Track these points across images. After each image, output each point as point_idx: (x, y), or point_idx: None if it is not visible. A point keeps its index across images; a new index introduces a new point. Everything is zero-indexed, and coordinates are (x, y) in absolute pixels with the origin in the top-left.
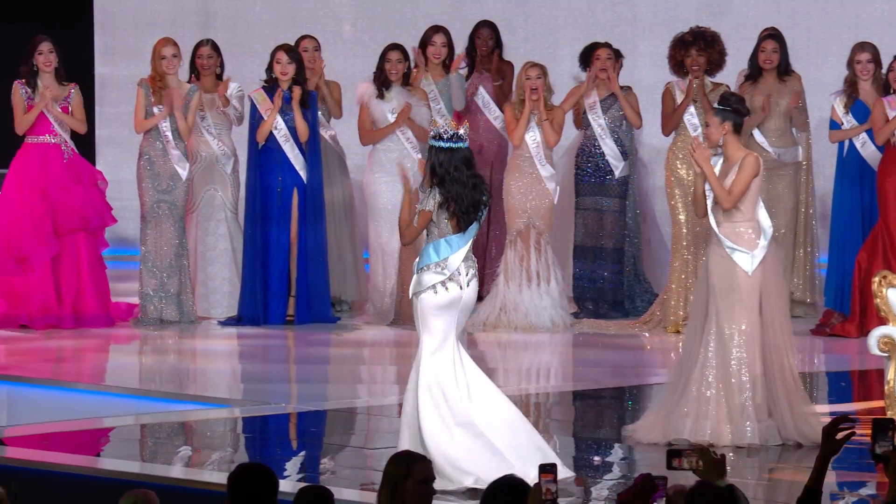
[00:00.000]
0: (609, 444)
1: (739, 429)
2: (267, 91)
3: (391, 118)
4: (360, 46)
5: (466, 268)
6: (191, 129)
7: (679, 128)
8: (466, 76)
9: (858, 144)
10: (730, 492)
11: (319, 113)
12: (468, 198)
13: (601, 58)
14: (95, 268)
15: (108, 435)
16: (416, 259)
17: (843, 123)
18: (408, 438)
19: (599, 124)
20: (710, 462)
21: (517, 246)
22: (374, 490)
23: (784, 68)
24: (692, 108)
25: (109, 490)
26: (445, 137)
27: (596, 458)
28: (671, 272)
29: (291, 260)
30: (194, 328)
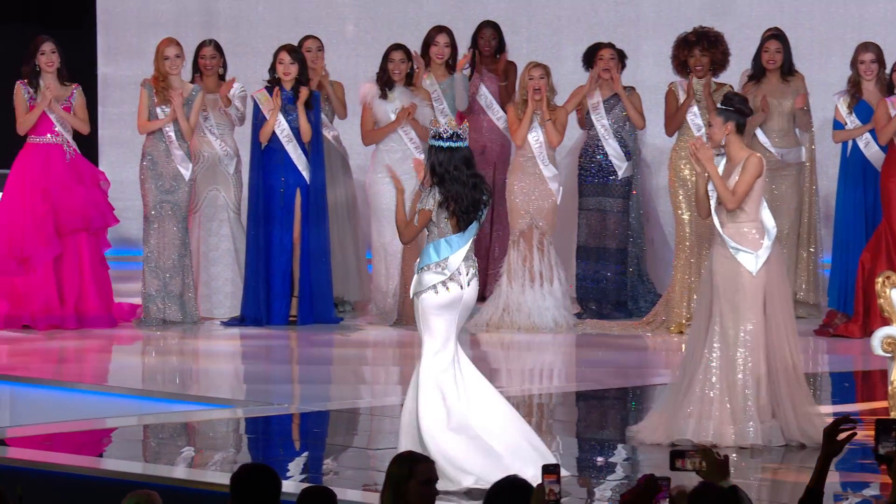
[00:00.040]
0: (612, 445)
1: (742, 429)
2: (270, 91)
3: (394, 118)
4: (363, 46)
5: (467, 267)
6: (193, 130)
7: (682, 128)
8: (469, 76)
9: (862, 145)
10: (733, 493)
11: (322, 113)
12: (468, 197)
13: (604, 58)
14: (98, 268)
15: (111, 435)
16: (417, 259)
17: (847, 123)
18: (407, 439)
19: (603, 125)
20: (714, 463)
21: (520, 246)
22: (377, 491)
23: (787, 68)
24: (695, 109)
25: (112, 491)
26: (445, 137)
27: (599, 459)
28: (674, 272)
29: (294, 260)
30: (197, 329)
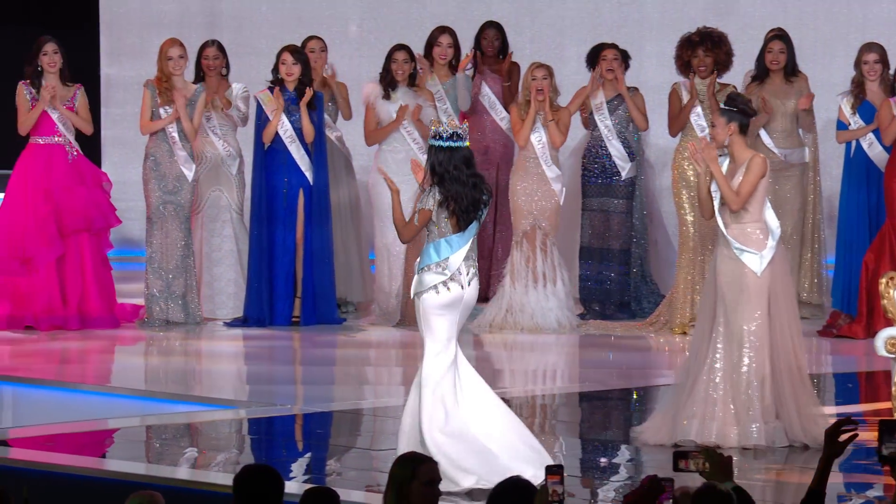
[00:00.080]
0: (615, 446)
1: (746, 430)
2: (272, 92)
3: (396, 118)
4: (366, 47)
5: (467, 267)
6: (197, 130)
7: (686, 128)
8: (472, 76)
9: (865, 145)
10: (736, 493)
11: (326, 114)
12: (468, 197)
13: (608, 58)
14: (100, 269)
15: (114, 436)
16: (417, 259)
17: (850, 124)
18: (408, 440)
19: (606, 125)
20: (717, 464)
21: (523, 247)
22: (380, 492)
23: (791, 69)
24: (699, 109)
25: (115, 491)
26: (445, 136)
27: (602, 460)
28: (678, 273)
29: (297, 261)
30: (200, 329)
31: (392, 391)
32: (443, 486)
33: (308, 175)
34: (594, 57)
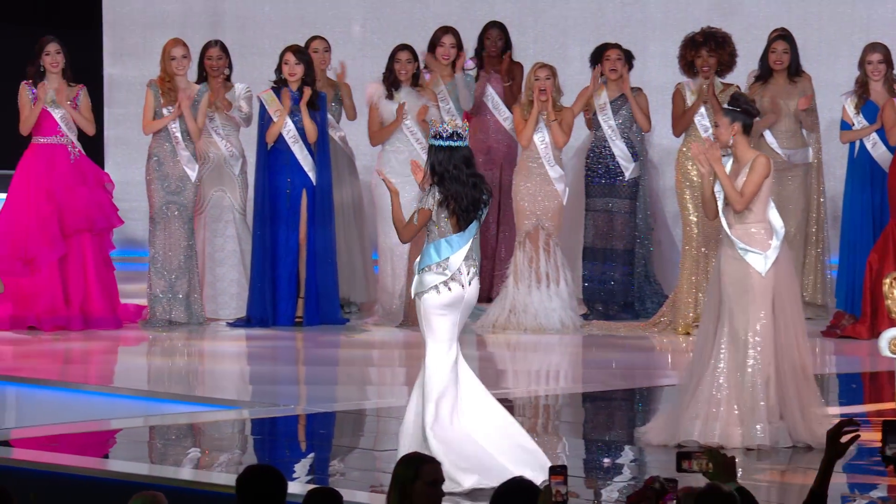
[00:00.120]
0: (619, 446)
1: (750, 430)
2: (276, 92)
3: (403, 119)
4: (370, 47)
5: (467, 267)
6: (201, 131)
7: (690, 129)
8: (476, 77)
9: (869, 145)
10: (739, 494)
11: (329, 114)
12: (468, 196)
13: (611, 58)
14: (102, 269)
15: (117, 437)
16: (417, 259)
17: (854, 124)
18: (409, 440)
19: (610, 125)
20: (720, 464)
21: (526, 247)
22: (384, 492)
23: (794, 69)
24: (702, 109)
25: (118, 492)
26: (444, 136)
27: (606, 460)
28: (681, 273)
29: (300, 261)
30: (203, 330)
31: (395, 391)
32: (445, 487)
33: (311, 175)
34: (598, 57)
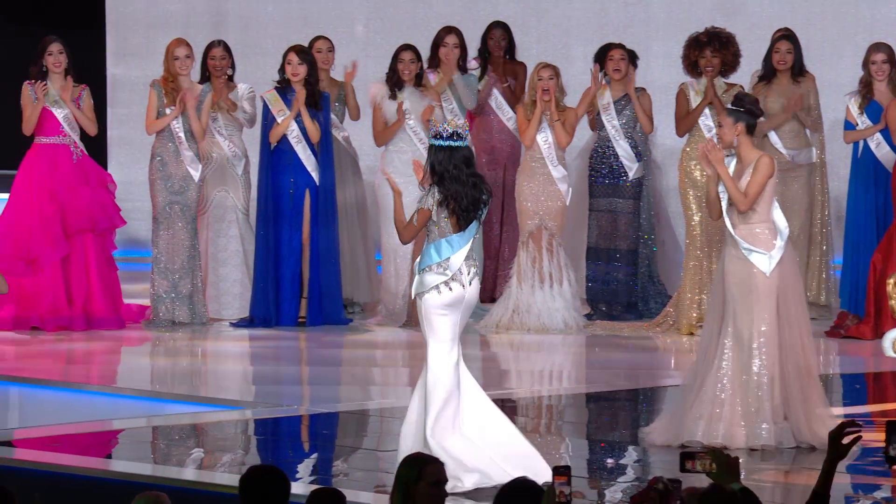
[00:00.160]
0: (623, 447)
1: (754, 430)
2: (279, 92)
3: (406, 119)
4: (373, 47)
5: (468, 267)
6: (205, 131)
7: (693, 129)
8: (479, 77)
9: (873, 145)
10: (743, 495)
11: (333, 114)
12: (468, 196)
13: (614, 58)
14: (104, 269)
15: (120, 437)
16: (418, 260)
17: (858, 124)
18: (410, 440)
19: (613, 125)
20: (724, 465)
21: (529, 247)
22: (387, 493)
23: (798, 69)
24: (706, 110)
25: (121, 492)
26: (445, 136)
27: (609, 461)
28: (685, 274)
29: (303, 261)
30: (206, 330)
31: (398, 392)
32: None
33: (314, 175)
34: (601, 57)
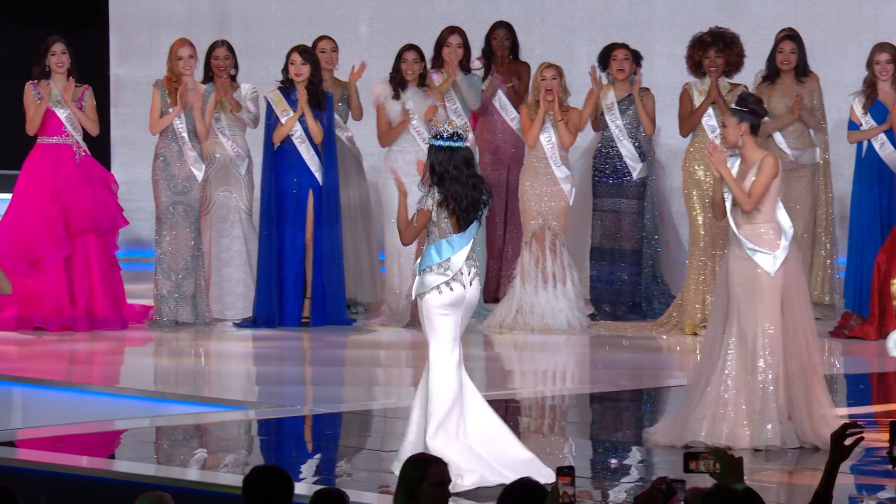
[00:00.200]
0: (626, 447)
1: (759, 430)
2: (283, 92)
3: (410, 119)
4: (376, 47)
5: (468, 267)
6: (208, 131)
7: (697, 129)
8: (483, 77)
9: (877, 145)
10: (747, 495)
11: (336, 114)
12: (468, 197)
13: (618, 58)
14: (107, 270)
15: (123, 437)
16: (418, 260)
17: (862, 124)
18: (414, 442)
19: (617, 126)
20: (727, 465)
21: (533, 247)
22: (390, 493)
23: (802, 69)
24: (710, 110)
25: (124, 492)
26: (445, 136)
27: (613, 461)
28: (688, 274)
29: (307, 262)
30: (209, 330)
31: (402, 392)
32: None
33: (318, 175)
34: (605, 57)
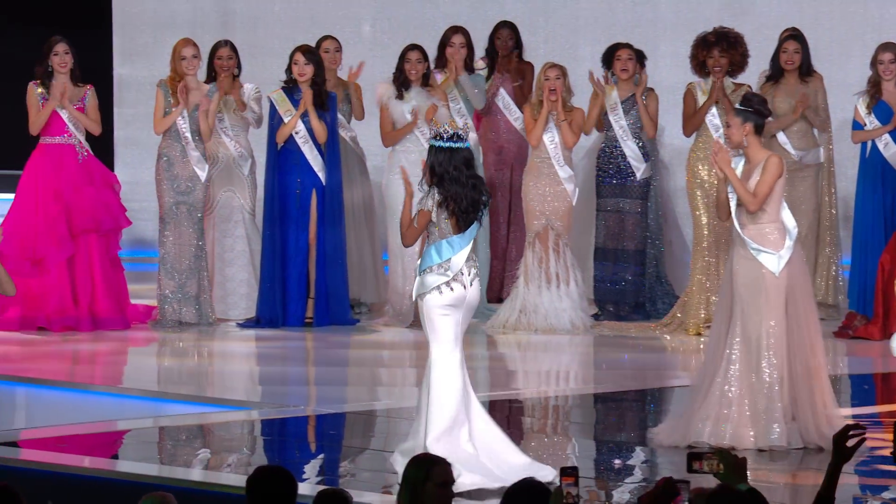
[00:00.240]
0: (630, 448)
1: (765, 430)
2: (286, 92)
3: (410, 118)
4: (380, 47)
5: (469, 268)
6: (211, 131)
7: (701, 129)
8: (487, 77)
9: (881, 145)
10: (751, 495)
11: (340, 114)
12: (467, 197)
13: (622, 58)
14: (109, 270)
15: (126, 437)
16: (418, 261)
17: (866, 124)
18: (414, 443)
19: (621, 126)
20: (731, 465)
21: (536, 248)
22: (393, 493)
23: (806, 69)
24: (714, 109)
25: (127, 493)
26: (445, 137)
27: (617, 462)
28: (692, 274)
29: (310, 262)
30: (213, 330)
31: (405, 392)
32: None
33: (321, 175)
34: (609, 57)
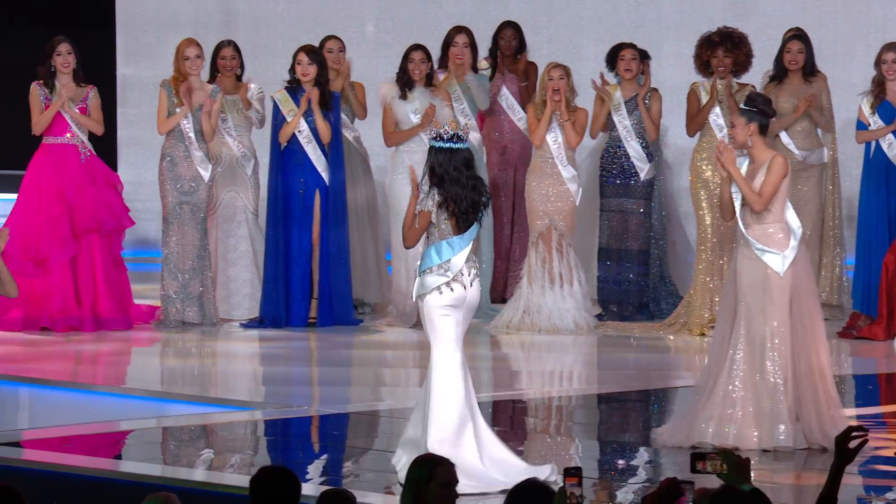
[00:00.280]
0: (634, 448)
1: (771, 431)
2: (289, 92)
3: (414, 119)
4: (383, 47)
5: (469, 268)
6: (214, 131)
7: (704, 129)
8: (490, 77)
9: (885, 145)
10: (754, 495)
11: (343, 114)
12: (467, 198)
13: (625, 58)
14: (111, 270)
15: (129, 437)
16: (418, 262)
17: (870, 124)
18: (415, 443)
19: (624, 126)
20: (735, 465)
21: (539, 248)
22: (396, 494)
23: (809, 69)
24: (717, 109)
25: (130, 493)
26: (445, 138)
27: (620, 462)
28: (696, 274)
29: (313, 262)
30: (216, 330)
31: (409, 393)
32: None
33: (324, 175)
34: (613, 57)
